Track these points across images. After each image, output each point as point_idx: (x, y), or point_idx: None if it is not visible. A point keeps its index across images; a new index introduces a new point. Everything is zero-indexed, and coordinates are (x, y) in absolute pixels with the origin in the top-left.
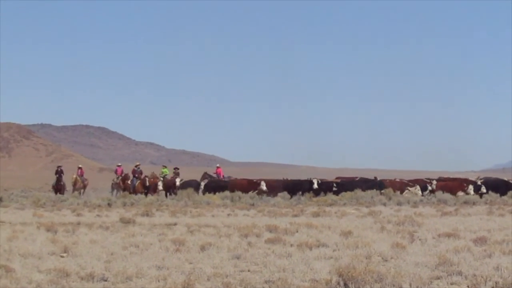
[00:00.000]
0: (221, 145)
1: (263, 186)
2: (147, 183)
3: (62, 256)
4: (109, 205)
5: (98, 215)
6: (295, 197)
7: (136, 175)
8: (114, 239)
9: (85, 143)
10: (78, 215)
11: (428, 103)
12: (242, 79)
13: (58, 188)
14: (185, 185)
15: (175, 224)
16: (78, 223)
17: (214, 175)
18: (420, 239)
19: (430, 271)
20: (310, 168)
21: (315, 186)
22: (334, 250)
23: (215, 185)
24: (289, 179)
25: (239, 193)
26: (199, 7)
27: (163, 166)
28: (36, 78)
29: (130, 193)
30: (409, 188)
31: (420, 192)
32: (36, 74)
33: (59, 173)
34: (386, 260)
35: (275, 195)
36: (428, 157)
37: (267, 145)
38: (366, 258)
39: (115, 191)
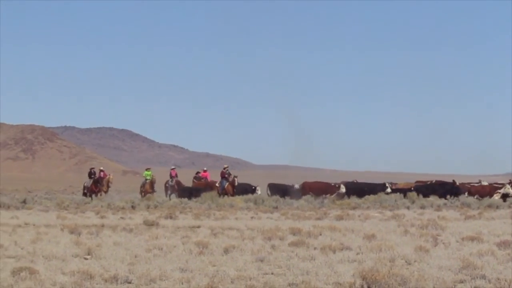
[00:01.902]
0: (245, 147)
1: (343, 189)
2: (236, 184)
3: (85, 258)
4: (133, 207)
5: (122, 218)
6: (318, 200)
7: (226, 176)
8: (138, 241)
9: (108, 146)
10: (102, 217)
11: (451, 105)
12: (266, 82)
13: (95, 189)
14: (240, 188)
15: (198, 227)
16: (102, 225)
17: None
18: (443, 243)
19: (453, 275)
20: (333, 171)
21: (388, 190)
22: (357, 253)
23: (282, 188)
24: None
25: (263, 196)
26: (223, 11)
27: (147, 168)
28: (60, 81)
29: (219, 195)
30: (499, 191)
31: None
32: (60, 77)
33: (93, 174)
34: (410, 264)
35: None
36: (449, 160)
37: (290, 148)
38: (390, 262)
39: (169, 193)
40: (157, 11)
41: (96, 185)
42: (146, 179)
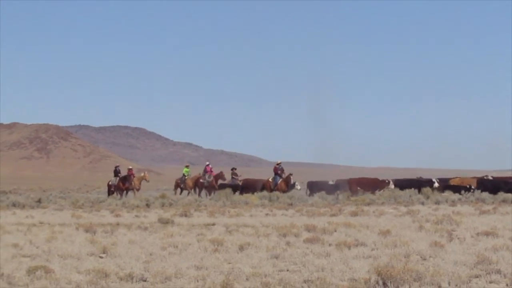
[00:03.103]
0: (259, 145)
1: (392, 185)
2: (292, 181)
3: (101, 257)
4: (148, 205)
5: (136, 216)
6: (333, 197)
7: (279, 173)
8: (152, 239)
9: (123, 144)
10: (117, 215)
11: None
12: (281, 78)
13: (122, 187)
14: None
15: (213, 224)
16: (117, 224)
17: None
18: (458, 238)
19: (468, 270)
20: (348, 168)
21: (436, 185)
22: (372, 249)
23: (320, 185)
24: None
25: (277, 193)
26: (239, 7)
27: (186, 165)
28: (74, 80)
29: (271, 190)
30: None
31: None
32: (74, 76)
33: (119, 172)
34: (425, 259)
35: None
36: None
37: (305, 144)
38: (405, 257)
39: (203, 191)
40: (171, 7)
41: (124, 183)
42: (185, 176)
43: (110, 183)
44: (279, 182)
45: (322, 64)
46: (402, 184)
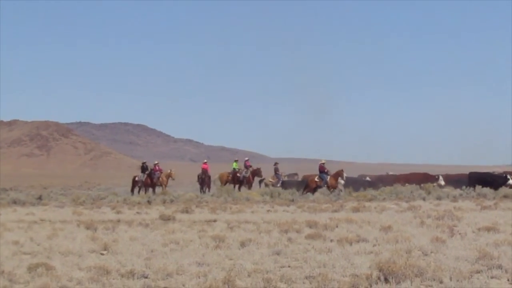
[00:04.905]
0: (261, 141)
1: (441, 181)
2: (345, 178)
3: (102, 254)
4: (149, 202)
5: (137, 213)
6: (334, 193)
7: (326, 171)
8: (154, 236)
9: (123, 141)
10: (118, 212)
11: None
12: (282, 74)
13: (150, 183)
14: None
15: (215, 221)
16: (118, 221)
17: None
18: (460, 233)
19: (470, 265)
20: (349, 164)
21: (511, 181)
22: (374, 245)
23: (356, 181)
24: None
25: (278, 189)
26: (240, 4)
27: (235, 160)
28: (74, 77)
29: (314, 190)
30: None
31: None
32: (75, 72)
33: (146, 168)
34: (426, 255)
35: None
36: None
37: (308, 140)
38: (406, 253)
39: (235, 186)
40: (171, 3)
41: (152, 179)
42: (234, 169)
43: (137, 178)
44: (328, 180)
45: (323, 60)
46: (457, 179)
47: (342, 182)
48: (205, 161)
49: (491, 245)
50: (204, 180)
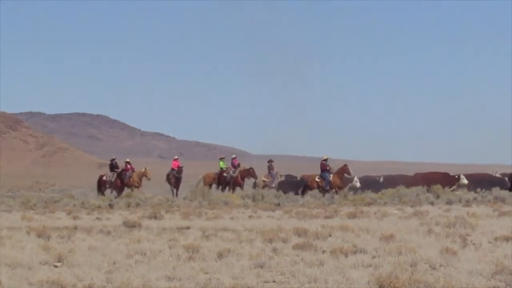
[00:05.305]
0: (241, 136)
1: (464, 180)
2: (351, 175)
3: (56, 266)
4: (111, 206)
5: (97, 218)
6: (328, 195)
7: (328, 169)
8: (116, 245)
9: (82, 134)
10: (75, 218)
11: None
12: (262, 61)
13: (120, 184)
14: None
15: (188, 228)
16: (75, 228)
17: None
18: (474, 244)
19: (485, 281)
20: (343, 161)
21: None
22: (373, 257)
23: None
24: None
25: (262, 192)
26: None
27: (221, 158)
28: (25, 60)
29: (324, 191)
30: None
31: None
32: (24, 55)
33: (116, 166)
34: (434, 268)
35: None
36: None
37: (291, 136)
38: (411, 266)
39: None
40: None
41: (123, 179)
42: (222, 169)
43: (104, 178)
44: (330, 178)
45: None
46: (479, 180)
47: (358, 184)
48: (176, 157)
49: (509, 257)
50: (179, 180)
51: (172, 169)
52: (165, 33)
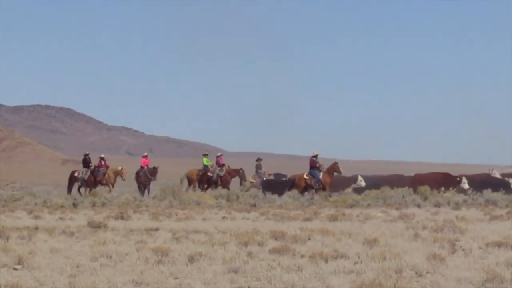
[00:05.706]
0: (214, 131)
1: (465, 185)
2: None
3: (15, 269)
4: (74, 205)
5: (60, 218)
6: (307, 197)
7: (317, 166)
8: (80, 247)
9: (44, 128)
10: (36, 217)
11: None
12: (238, 49)
13: (94, 182)
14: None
15: (157, 230)
16: (36, 228)
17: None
18: (463, 249)
19: None
20: (324, 160)
21: (362, 183)
22: (355, 263)
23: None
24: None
25: (236, 191)
26: None
27: (204, 154)
28: None
29: (304, 190)
30: None
31: None
32: None
33: (90, 162)
34: (421, 275)
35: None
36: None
37: (272, 133)
38: (396, 273)
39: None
40: None
41: (97, 176)
42: (206, 166)
43: (76, 175)
44: (320, 177)
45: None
46: (481, 181)
47: (363, 183)
48: (146, 154)
49: (501, 265)
50: (150, 181)
51: (142, 167)
52: (132, 23)
